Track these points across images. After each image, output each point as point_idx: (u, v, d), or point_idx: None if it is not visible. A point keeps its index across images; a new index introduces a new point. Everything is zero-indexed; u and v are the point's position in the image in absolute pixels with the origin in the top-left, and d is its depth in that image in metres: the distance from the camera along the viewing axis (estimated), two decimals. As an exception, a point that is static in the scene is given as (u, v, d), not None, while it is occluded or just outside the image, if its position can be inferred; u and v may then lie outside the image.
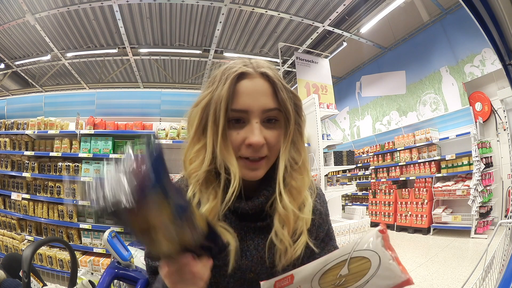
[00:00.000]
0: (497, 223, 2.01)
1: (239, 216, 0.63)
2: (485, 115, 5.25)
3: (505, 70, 1.83)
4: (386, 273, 0.40)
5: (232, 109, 0.56)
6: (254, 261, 0.63)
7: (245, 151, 0.57)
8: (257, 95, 0.57)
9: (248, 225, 0.64)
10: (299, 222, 0.62)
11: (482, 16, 1.45)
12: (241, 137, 0.57)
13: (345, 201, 8.23)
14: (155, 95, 3.83)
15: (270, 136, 0.58)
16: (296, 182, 0.61)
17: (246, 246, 0.63)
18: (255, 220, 0.63)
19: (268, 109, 0.57)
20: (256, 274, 0.63)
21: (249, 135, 0.56)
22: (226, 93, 0.56)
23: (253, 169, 0.58)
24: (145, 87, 9.04)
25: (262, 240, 0.63)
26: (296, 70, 5.55)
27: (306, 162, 0.64)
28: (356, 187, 6.02)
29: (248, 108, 0.56)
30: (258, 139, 0.55)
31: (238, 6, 5.36)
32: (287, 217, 0.60)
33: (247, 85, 0.57)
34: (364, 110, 8.63)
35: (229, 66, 0.61)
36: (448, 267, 3.40)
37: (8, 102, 4.13)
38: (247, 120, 0.57)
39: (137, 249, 0.91)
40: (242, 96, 0.56)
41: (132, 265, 0.80)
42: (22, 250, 3.31)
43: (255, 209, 0.61)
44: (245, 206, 0.61)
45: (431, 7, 6.08)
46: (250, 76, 0.58)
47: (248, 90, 0.57)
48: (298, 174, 0.62)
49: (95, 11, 5.71)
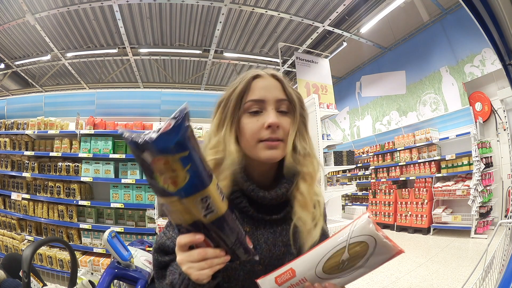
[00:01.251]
0: (497, 223, 2.01)
1: (257, 208, 0.68)
2: (485, 115, 5.25)
3: (505, 70, 1.83)
4: (382, 250, 0.49)
5: (250, 99, 0.67)
6: (263, 254, 0.67)
7: (265, 133, 0.66)
8: (271, 89, 0.69)
9: (263, 217, 0.69)
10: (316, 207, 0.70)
11: (482, 16, 1.45)
12: (260, 122, 0.67)
13: (345, 201, 8.23)
14: (155, 95, 3.83)
15: (283, 121, 0.68)
16: (307, 169, 0.69)
17: (256, 240, 0.68)
18: (270, 213, 0.69)
19: (280, 99, 0.69)
20: (264, 266, 0.67)
21: (267, 118, 0.66)
22: (241, 88, 0.68)
23: (272, 148, 0.66)
24: (145, 87, 9.04)
25: (272, 234, 0.69)
26: (296, 70, 5.55)
27: (313, 149, 0.73)
28: (356, 187, 6.02)
29: (264, 98, 0.68)
30: (274, 119, 0.65)
31: (238, 6, 5.36)
32: (305, 201, 0.68)
33: (262, 82, 0.70)
34: (364, 110, 8.64)
35: (245, 73, 0.73)
36: (448, 267, 3.40)
37: (8, 102, 4.13)
38: (264, 108, 0.68)
39: (137, 249, 0.91)
40: (258, 89, 0.69)
41: (132, 265, 0.80)
42: (22, 250, 3.31)
43: (276, 199, 0.67)
44: (268, 196, 0.67)
45: (431, 7, 6.08)
46: (262, 76, 0.71)
47: (263, 85, 0.69)
48: (307, 160, 0.70)
49: (95, 11, 5.72)
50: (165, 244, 0.69)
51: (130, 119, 3.54)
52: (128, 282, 0.78)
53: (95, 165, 3.30)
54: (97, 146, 3.31)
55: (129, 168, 3.25)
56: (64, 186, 3.34)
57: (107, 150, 3.28)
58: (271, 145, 0.66)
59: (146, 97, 3.89)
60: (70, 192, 3.32)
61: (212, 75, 8.71)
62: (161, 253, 0.70)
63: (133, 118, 3.59)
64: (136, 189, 3.22)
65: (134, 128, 3.35)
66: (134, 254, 0.86)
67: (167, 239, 0.70)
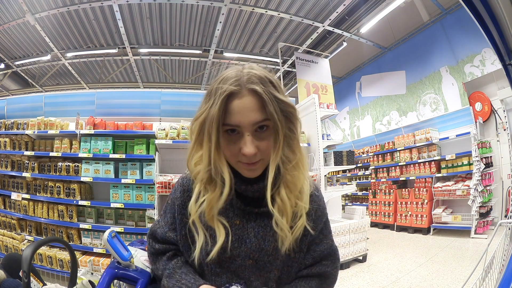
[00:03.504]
0: (497, 223, 2.01)
1: (244, 202, 0.71)
2: (485, 115, 5.25)
3: (505, 70, 1.83)
4: None
5: (225, 123, 0.63)
6: (253, 249, 0.69)
7: (242, 158, 0.65)
8: (246, 112, 0.62)
9: (251, 210, 0.71)
10: (299, 206, 0.69)
11: (482, 16, 1.45)
12: (237, 148, 0.64)
13: (345, 201, 8.23)
14: (155, 95, 3.83)
15: (261, 144, 0.64)
16: (292, 177, 0.68)
17: (246, 234, 0.70)
18: (258, 206, 0.70)
19: (258, 122, 0.63)
20: (255, 261, 0.69)
21: (242, 146, 0.63)
22: (217, 112, 0.62)
23: (250, 170, 0.67)
24: (145, 87, 9.04)
25: (262, 228, 0.70)
26: (296, 70, 5.56)
27: (302, 161, 0.70)
28: (356, 187, 6.02)
29: (239, 124, 0.62)
30: (250, 151, 0.62)
31: (238, 6, 5.36)
32: (285, 208, 0.67)
33: (237, 104, 0.62)
34: (364, 110, 8.64)
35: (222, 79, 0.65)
36: (448, 267, 3.40)
37: (8, 102, 4.13)
38: (240, 132, 0.64)
39: (137, 249, 0.91)
40: (232, 114, 0.62)
41: (132, 265, 0.80)
42: (22, 250, 3.31)
43: (259, 191, 0.69)
44: (250, 189, 0.69)
45: (431, 7, 6.08)
46: (238, 95, 0.62)
47: (238, 109, 0.62)
48: (293, 170, 0.69)
49: (95, 11, 5.71)
50: (156, 232, 0.79)
51: (130, 119, 3.54)
52: (128, 282, 0.78)
53: (95, 165, 3.30)
54: (97, 146, 3.31)
55: (129, 168, 3.25)
56: (64, 186, 3.34)
57: (107, 150, 3.28)
58: (248, 167, 0.66)
59: (146, 97, 3.89)
60: (70, 192, 3.32)
61: (212, 75, 8.71)
62: (153, 239, 0.79)
63: (133, 118, 3.59)
64: (136, 189, 3.22)
65: (134, 128, 3.34)
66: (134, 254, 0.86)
67: (158, 228, 0.79)
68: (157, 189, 3.01)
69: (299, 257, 0.73)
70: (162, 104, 3.74)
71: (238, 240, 0.69)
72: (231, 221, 0.70)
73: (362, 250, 3.88)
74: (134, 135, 3.33)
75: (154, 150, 3.22)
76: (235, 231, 0.69)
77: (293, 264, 0.73)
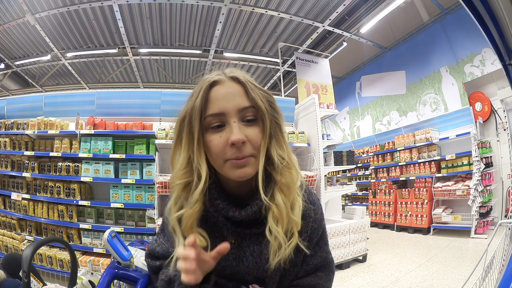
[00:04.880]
0: (497, 223, 2.01)
1: (234, 223, 0.67)
2: (485, 115, 5.25)
3: (505, 70, 1.83)
4: None
5: (209, 114, 0.60)
6: (251, 267, 0.67)
7: (230, 152, 0.59)
8: (230, 97, 0.60)
9: (243, 232, 0.67)
10: (291, 223, 0.64)
11: (482, 16, 1.45)
12: (223, 140, 0.59)
13: (345, 201, 8.23)
14: (155, 95, 3.82)
15: (250, 133, 0.60)
16: (285, 179, 0.63)
17: (243, 253, 0.67)
18: (250, 226, 0.66)
19: (243, 108, 0.60)
20: (254, 276, 0.68)
21: (230, 134, 0.58)
22: (200, 102, 0.60)
23: (241, 166, 0.60)
24: (145, 87, 9.04)
25: (257, 245, 0.67)
26: (296, 70, 5.56)
27: (291, 156, 0.67)
28: (356, 187, 6.01)
29: (224, 110, 0.59)
30: (238, 136, 0.57)
31: (238, 6, 5.36)
32: (280, 214, 0.62)
33: (220, 90, 0.61)
34: (364, 110, 8.64)
35: (204, 78, 0.64)
36: (448, 267, 3.40)
37: (8, 102, 4.12)
38: (226, 121, 0.60)
39: (137, 249, 0.91)
40: (216, 100, 0.60)
41: (132, 265, 0.80)
42: (22, 250, 3.31)
43: (248, 218, 0.63)
44: (238, 215, 0.63)
45: (431, 7, 6.08)
46: (221, 82, 0.62)
47: (221, 94, 0.60)
48: (286, 169, 0.64)
49: (95, 11, 5.71)
50: (155, 251, 0.76)
51: (130, 119, 3.54)
52: (128, 282, 0.78)
53: (95, 165, 3.30)
54: (97, 146, 3.31)
55: (129, 168, 3.25)
56: (64, 186, 3.34)
57: (107, 150, 3.28)
58: (239, 164, 0.59)
59: (146, 97, 3.88)
60: (70, 192, 3.32)
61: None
62: (152, 258, 0.76)
63: (133, 118, 3.59)
64: (136, 189, 3.22)
65: (134, 128, 3.34)
66: (134, 254, 0.86)
67: (157, 246, 0.76)
68: (157, 189, 3.01)
69: (293, 271, 0.70)
70: (162, 104, 3.74)
71: (236, 259, 0.67)
72: (226, 239, 0.67)
73: (362, 250, 3.88)
74: (134, 135, 3.33)
75: (154, 150, 3.22)
76: (231, 250, 0.66)
77: (287, 276, 0.71)
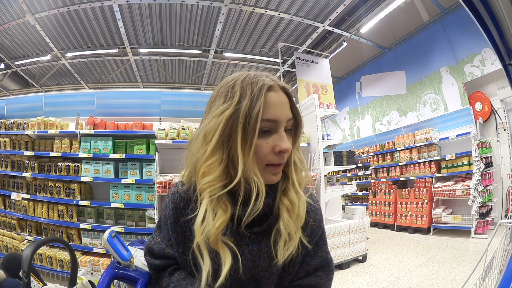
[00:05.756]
0: (497, 223, 2.01)
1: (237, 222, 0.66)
2: (485, 115, 5.25)
3: (505, 70, 1.83)
4: None
5: (264, 119, 0.60)
6: (248, 265, 0.67)
7: (273, 158, 0.62)
8: (283, 106, 0.63)
9: (243, 231, 0.67)
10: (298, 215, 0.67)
11: (482, 16, 1.45)
12: (270, 145, 0.62)
13: (345, 201, 8.23)
14: (155, 95, 3.83)
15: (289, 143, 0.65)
16: (298, 177, 0.69)
17: (241, 251, 0.66)
18: (251, 226, 0.66)
19: (290, 118, 0.64)
20: (252, 274, 0.67)
21: (279, 142, 0.61)
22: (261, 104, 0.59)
23: (275, 174, 0.65)
24: (145, 87, 9.05)
25: (257, 245, 0.67)
26: (296, 70, 5.55)
27: (303, 158, 0.72)
28: (356, 187, 6.02)
29: (278, 118, 0.61)
30: (288, 146, 0.62)
31: (238, 6, 5.36)
32: (293, 208, 0.66)
33: (275, 97, 0.62)
34: (364, 110, 8.64)
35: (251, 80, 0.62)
36: (448, 267, 3.40)
37: (8, 102, 4.13)
38: (275, 129, 0.62)
39: (137, 249, 0.91)
40: (272, 107, 0.61)
41: (132, 265, 0.80)
42: (22, 250, 3.31)
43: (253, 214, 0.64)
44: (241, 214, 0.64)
45: (431, 7, 6.08)
46: (275, 89, 0.63)
47: (276, 102, 0.62)
48: (298, 169, 0.70)
49: (95, 11, 5.71)
50: (152, 249, 0.76)
51: (130, 119, 3.54)
52: (128, 282, 0.78)
53: (95, 165, 3.30)
54: (97, 146, 3.31)
55: (129, 168, 3.25)
56: (64, 186, 3.34)
57: (107, 150, 3.28)
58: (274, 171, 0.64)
59: (146, 97, 3.89)
60: (70, 192, 3.32)
61: (212, 75, 8.71)
62: (151, 256, 0.76)
63: (133, 118, 3.59)
64: (136, 189, 3.22)
65: (134, 128, 3.34)
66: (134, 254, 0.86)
67: (154, 244, 0.76)
68: (157, 189, 3.01)
69: (293, 271, 0.71)
70: (162, 104, 3.74)
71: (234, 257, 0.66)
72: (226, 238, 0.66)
73: (362, 250, 3.88)
74: (134, 135, 3.33)
75: (154, 150, 3.22)
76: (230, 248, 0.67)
77: (286, 276, 0.71)
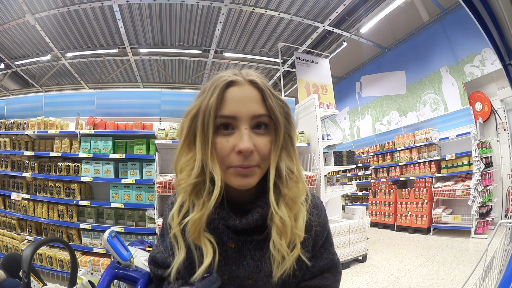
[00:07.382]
0: (497, 223, 2.01)
1: (235, 231, 0.64)
2: (485, 115, 5.25)
3: (505, 70, 1.83)
4: None
5: (220, 115, 0.56)
6: (251, 270, 0.65)
7: (235, 159, 0.56)
8: (246, 102, 0.57)
9: (245, 239, 0.65)
10: (294, 235, 0.62)
11: (482, 16, 1.45)
12: (230, 144, 0.56)
13: (345, 201, 8.23)
14: (155, 95, 3.82)
15: (259, 142, 0.57)
16: (292, 192, 0.61)
17: (243, 257, 0.65)
18: (251, 233, 0.64)
19: (257, 115, 0.57)
20: (254, 280, 0.65)
21: (238, 141, 0.55)
22: (215, 101, 0.56)
23: (245, 176, 0.57)
24: (145, 87, 9.04)
25: (258, 250, 0.65)
26: (296, 70, 5.55)
27: (300, 170, 0.65)
28: (356, 187, 6.02)
29: (237, 114, 0.56)
30: (247, 145, 0.54)
31: (238, 6, 5.36)
32: (285, 229, 0.60)
33: (235, 92, 0.57)
34: (364, 110, 8.64)
35: (218, 76, 0.61)
36: (448, 267, 3.40)
37: (8, 102, 4.12)
38: (236, 126, 0.57)
39: (137, 249, 0.91)
40: (230, 102, 0.57)
41: (132, 265, 0.80)
42: (22, 250, 3.31)
43: (249, 226, 0.61)
44: (238, 224, 0.61)
45: (431, 7, 6.08)
46: (238, 83, 0.58)
47: (237, 97, 0.57)
48: (293, 183, 0.62)
49: (95, 11, 5.71)
50: (155, 258, 0.74)
51: (130, 119, 3.54)
52: (128, 282, 0.78)
53: (95, 165, 3.30)
54: (97, 146, 3.31)
55: (129, 168, 3.25)
56: (64, 186, 3.34)
57: (107, 150, 3.28)
58: (243, 172, 0.56)
59: (146, 97, 3.89)
60: (70, 192, 3.32)
61: (212, 75, 8.70)
62: (155, 265, 0.75)
63: (133, 118, 3.59)
64: (136, 189, 3.22)
65: (134, 128, 3.34)
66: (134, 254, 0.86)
67: (157, 253, 0.75)
68: (157, 189, 3.01)
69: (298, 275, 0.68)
70: (162, 104, 3.74)
71: (235, 262, 0.65)
72: (226, 244, 0.65)
73: (362, 250, 3.88)
74: (134, 135, 3.33)
75: (154, 150, 3.23)
76: (231, 254, 0.65)
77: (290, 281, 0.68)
